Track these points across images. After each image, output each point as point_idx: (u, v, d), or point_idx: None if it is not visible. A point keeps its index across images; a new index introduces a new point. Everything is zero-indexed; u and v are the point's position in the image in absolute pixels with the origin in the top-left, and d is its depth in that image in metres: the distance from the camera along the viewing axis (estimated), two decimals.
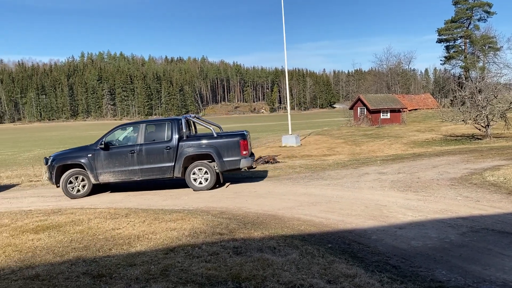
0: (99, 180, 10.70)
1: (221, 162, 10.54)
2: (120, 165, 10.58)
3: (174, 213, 7.70)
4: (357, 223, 6.41)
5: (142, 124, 10.95)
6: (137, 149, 10.59)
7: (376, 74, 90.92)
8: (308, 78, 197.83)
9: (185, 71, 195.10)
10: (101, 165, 10.59)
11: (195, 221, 6.86)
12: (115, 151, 10.65)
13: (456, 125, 33.05)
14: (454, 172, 11.61)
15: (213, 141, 10.68)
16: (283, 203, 8.41)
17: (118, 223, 7.10)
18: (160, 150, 10.58)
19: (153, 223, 6.87)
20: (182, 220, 7.00)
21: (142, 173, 10.60)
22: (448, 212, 6.76)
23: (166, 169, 10.58)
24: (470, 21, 65.13)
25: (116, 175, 10.65)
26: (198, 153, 10.61)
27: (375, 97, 49.27)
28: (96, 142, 10.80)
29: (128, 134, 11.06)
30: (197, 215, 7.48)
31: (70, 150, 11.32)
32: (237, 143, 10.67)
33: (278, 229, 6.16)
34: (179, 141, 10.61)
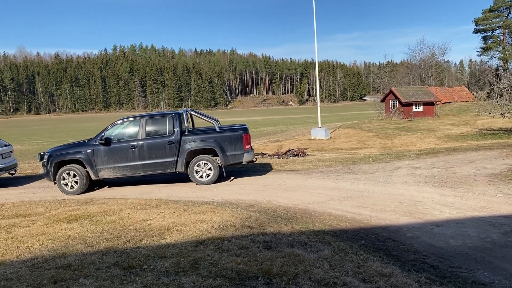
0: (99, 176, 10.51)
1: (225, 156, 10.53)
2: (121, 161, 10.43)
3: (203, 205, 7.68)
4: (391, 219, 6.19)
5: (142, 118, 10.75)
6: (139, 144, 10.46)
7: (408, 66, 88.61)
8: (338, 70, 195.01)
9: (214, 63, 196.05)
10: (101, 160, 10.41)
11: (224, 213, 6.80)
12: (115, 146, 10.46)
13: (493, 119, 31.81)
14: (492, 167, 11.12)
15: (216, 135, 10.67)
16: (313, 197, 8.25)
17: (148, 214, 7.13)
18: (162, 145, 10.46)
19: (183, 215, 6.86)
20: (212, 212, 6.96)
21: (144, 168, 10.49)
22: (488, 210, 6.44)
23: (168, 164, 10.51)
24: (510, 10, 62.30)
25: (117, 170, 10.51)
26: (201, 147, 10.55)
27: (407, 90, 48.01)
28: (95, 137, 10.64)
29: (128, 129, 10.82)
30: (226, 207, 7.43)
31: (68, 146, 11.15)
32: (240, 137, 10.66)
33: (309, 224, 6.02)
34: (181, 136, 10.53)
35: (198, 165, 10.52)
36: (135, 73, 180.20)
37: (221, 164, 10.57)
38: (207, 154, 10.62)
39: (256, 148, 21.97)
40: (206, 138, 10.63)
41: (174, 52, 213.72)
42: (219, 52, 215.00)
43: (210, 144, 10.55)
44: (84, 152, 10.45)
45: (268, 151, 19.02)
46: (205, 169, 10.55)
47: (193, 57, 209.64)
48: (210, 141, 10.58)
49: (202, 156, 10.56)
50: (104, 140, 10.40)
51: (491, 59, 66.30)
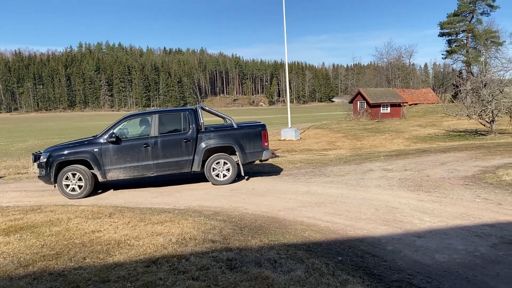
0: (107, 178, 9.53)
1: (243, 154, 10.06)
2: (132, 160, 9.53)
3: (163, 214, 6.95)
4: (368, 229, 5.65)
5: (155, 115, 9.94)
6: (152, 142, 9.64)
7: (376, 68, 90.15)
8: (307, 71, 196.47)
9: (183, 63, 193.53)
10: (110, 160, 9.45)
11: (185, 224, 6.10)
12: (126, 145, 9.55)
13: (458, 120, 32.32)
14: (465, 170, 10.88)
15: (234, 132, 10.17)
16: (284, 203, 7.65)
17: (99, 224, 6.35)
18: (178, 143, 9.75)
19: (138, 226, 6.12)
20: (171, 222, 6.25)
21: (157, 168, 9.68)
22: (470, 218, 6.01)
23: (184, 163, 9.79)
24: (473, 15, 64.12)
25: (128, 171, 9.58)
26: (219, 145, 9.95)
27: (375, 91, 48.45)
28: (101, 134, 9.64)
29: (139, 126, 10.10)
30: (188, 216, 6.73)
31: (70, 145, 9.87)
32: (259, 134, 10.27)
33: (279, 236, 5.40)
34: (197, 133, 9.90)
35: (216, 163, 9.95)
36: (101, 71, 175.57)
37: (239, 162, 10.05)
38: (223, 152, 10.04)
39: None
40: (224, 135, 10.08)
41: (142, 51, 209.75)
42: (189, 51, 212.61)
43: (228, 141, 10.01)
44: (91, 151, 9.45)
45: None
46: (223, 168, 10.00)
47: (162, 56, 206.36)
48: (229, 138, 10.06)
49: (220, 154, 9.98)
50: (114, 137, 9.44)
51: (456, 62, 68.06)
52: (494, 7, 63.50)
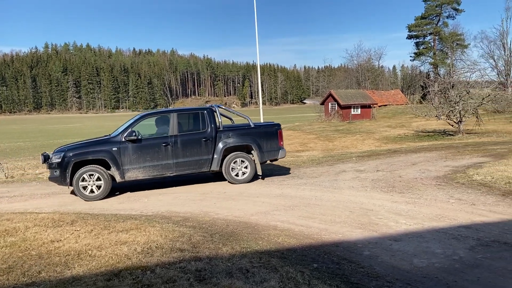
0: (125, 178, 9.22)
1: (261, 153, 10.11)
2: (152, 160, 9.31)
3: (128, 220, 6.56)
4: (343, 233, 5.46)
5: (173, 113, 9.79)
6: (172, 140, 9.45)
7: (346, 70, 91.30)
8: (279, 73, 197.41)
9: (153, 64, 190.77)
10: (129, 160, 9.17)
11: (152, 231, 5.75)
12: (145, 144, 9.31)
13: (427, 121, 32.98)
14: (436, 170, 10.93)
15: (252, 131, 10.22)
16: (257, 206, 7.40)
17: (60, 233, 5.92)
18: (198, 142, 9.65)
19: (101, 234, 5.72)
20: (137, 229, 5.88)
21: (177, 167, 9.51)
22: (446, 219, 5.92)
23: (204, 162, 9.72)
24: (439, 18, 65.93)
25: (147, 171, 9.33)
26: (238, 144, 9.95)
27: (346, 93, 49.01)
28: (121, 133, 9.31)
29: (158, 124, 9.91)
30: (155, 223, 6.37)
31: (86, 143, 9.51)
32: (276, 133, 10.41)
33: (252, 242, 5.13)
34: (216, 132, 9.82)
35: (234, 162, 9.89)
36: (68, 72, 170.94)
37: (256, 161, 10.06)
38: (241, 151, 10.04)
39: None
40: (243, 134, 10.10)
41: (111, 52, 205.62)
42: (159, 52, 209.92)
43: (247, 140, 10.05)
44: (109, 151, 9.09)
45: None
46: (241, 167, 9.99)
47: (131, 57, 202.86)
48: (247, 137, 10.09)
49: (239, 153, 9.98)
50: (135, 136, 9.16)
51: (423, 64, 69.80)
52: (459, 11, 65.51)
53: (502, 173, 9.54)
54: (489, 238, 4.90)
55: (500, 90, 30.51)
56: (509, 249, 4.51)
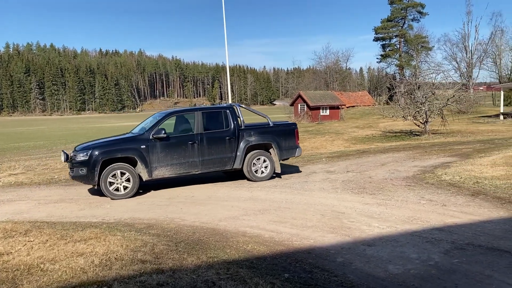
0: (152, 176, 9.12)
1: (280, 151, 10.34)
2: (179, 157, 9.29)
3: (88, 229, 6.14)
4: (315, 238, 5.24)
5: (197, 112, 9.85)
6: (198, 138, 9.50)
7: (315, 72, 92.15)
8: (249, 74, 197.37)
9: (121, 65, 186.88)
10: (157, 158, 9.10)
11: (112, 240, 5.36)
12: (173, 142, 9.30)
13: (393, 122, 33.52)
14: (405, 170, 10.95)
15: (272, 130, 10.43)
16: (225, 211, 7.09)
17: (11, 244, 5.46)
18: (222, 140, 9.76)
19: (57, 245, 5.30)
20: (96, 239, 5.48)
21: (203, 165, 9.56)
22: (418, 221, 5.80)
23: (228, 160, 9.83)
24: (404, 20, 67.54)
25: (174, 168, 9.30)
26: (259, 142, 10.14)
27: (314, 94, 49.36)
28: (147, 130, 9.26)
29: (183, 122, 9.98)
30: (117, 231, 5.98)
31: (113, 141, 9.40)
32: (293, 132, 10.68)
33: (219, 251, 4.83)
34: (238, 130, 9.94)
35: (256, 160, 10.07)
36: (31, 73, 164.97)
37: (276, 159, 10.28)
38: (261, 149, 10.23)
39: None
40: (264, 133, 10.29)
41: (76, 52, 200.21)
42: (126, 53, 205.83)
43: (268, 139, 10.25)
44: (138, 148, 8.99)
45: None
46: (262, 165, 10.18)
47: (97, 57, 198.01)
48: (268, 135, 10.28)
49: (260, 151, 10.17)
50: (164, 134, 9.13)
51: (389, 66, 71.29)
52: (423, 14, 67.35)
53: (469, 173, 9.62)
54: (463, 241, 4.79)
55: (462, 91, 31.33)
56: (484, 253, 4.40)
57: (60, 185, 11.01)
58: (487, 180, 8.60)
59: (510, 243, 4.65)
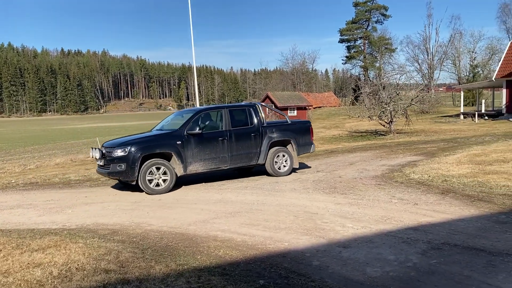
0: (186, 171, 9.33)
1: (298, 147, 10.78)
2: (210, 153, 9.59)
3: (47, 236, 5.73)
4: (289, 241, 5.06)
5: (224, 109, 10.18)
6: (227, 134, 9.81)
7: (282, 73, 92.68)
8: (216, 75, 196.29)
9: (84, 65, 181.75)
10: (192, 153, 9.35)
11: (73, 249, 5.00)
12: (206, 138, 9.58)
13: (359, 122, 34.04)
14: (373, 169, 10.99)
15: (291, 127, 10.89)
16: (195, 215, 6.82)
17: None
18: (248, 136, 10.12)
19: (12, 255, 4.88)
20: (56, 247, 5.10)
21: (231, 161, 9.87)
22: (392, 221, 5.73)
23: (253, 155, 10.19)
24: (368, 23, 69.05)
25: (206, 164, 9.58)
26: (281, 139, 10.55)
27: (282, 95, 49.62)
28: (180, 128, 9.44)
29: (212, 119, 10.20)
30: (78, 238, 5.60)
31: (151, 137, 9.58)
32: (308, 129, 11.21)
33: (189, 257, 4.57)
34: (261, 127, 10.30)
35: (277, 156, 10.44)
36: None
37: (294, 155, 10.71)
38: (282, 146, 10.64)
39: None
40: (284, 129, 10.72)
41: (36, 52, 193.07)
42: (89, 53, 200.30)
43: (288, 135, 10.68)
44: (175, 144, 9.19)
45: None
46: (283, 161, 10.57)
47: (59, 57, 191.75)
48: (288, 132, 10.72)
49: (281, 147, 10.57)
50: (200, 130, 9.42)
51: (354, 67, 72.62)
52: (386, 16, 69.02)
53: (436, 171, 9.74)
54: (438, 241, 4.73)
55: (425, 92, 32.17)
56: (461, 252, 4.34)
57: (17, 190, 10.40)
58: (455, 178, 8.71)
59: (485, 242, 4.64)
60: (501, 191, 7.30)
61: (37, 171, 15.32)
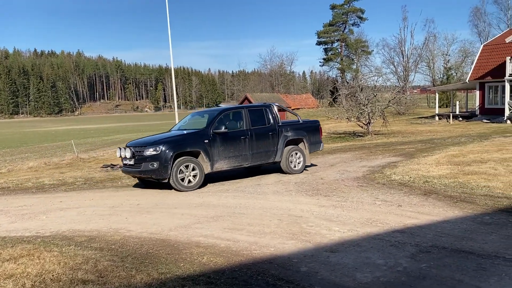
0: (213, 169, 9.63)
1: (310, 145, 11.24)
2: (234, 151, 9.95)
3: (19, 245, 5.43)
4: (275, 246, 4.92)
5: (244, 109, 10.62)
6: (248, 133, 10.20)
7: (260, 75, 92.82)
8: (194, 77, 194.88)
9: (58, 66, 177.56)
10: (218, 151, 9.67)
11: (48, 258, 4.73)
12: (230, 136, 9.92)
13: (337, 123, 34.26)
14: (354, 170, 10.99)
15: (304, 126, 11.36)
16: (176, 219, 6.60)
17: None
18: (266, 135, 10.51)
19: None
20: (29, 257, 4.82)
21: (252, 158, 10.27)
22: (378, 224, 5.66)
23: (271, 153, 10.59)
24: (345, 25, 69.80)
25: (230, 162, 9.93)
26: (295, 137, 10.96)
27: (261, 96, 49.52)
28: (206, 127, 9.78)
29: (234, 119, 10.59)
30: (53, 246, 5.33)
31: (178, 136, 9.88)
32: (318, 128, 11.75)
33: (172, 265, 4.38)
34: (277, 126, 10.70)
35: (291, 155, 10.80)
36: None
37: (307, 153, 11.16)
38: (295, 144, 11.02)
39: (106, 159, 19.31)
40: (298, 128, 11.14)
41: (7, 52, 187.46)
42: (64, 54, 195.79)
43: (301, 134, 11.12)
44: (203, 143, 9.50)
45: (119, 162, 16.61)
46: (296, 159, 10.94)
47: (32, 58, 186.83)
48: (301, 131, 11.16)
49: (295, 146, 10.97)
50: (225, 129, 9.74)
51: (332, 69, 73.27)
52: (363, 19, 69.97)
53: (417, 172, 9.79)
54: (426, 244, 4.67)
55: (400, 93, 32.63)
56: (450, 255, 4.29)
57: None
58: (436, 179, 8.75)
59: (472, 244, 4.61)
60: (482, 191, 7.35)
61: (9, 175, 14.79)
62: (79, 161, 19.18)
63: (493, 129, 22.96)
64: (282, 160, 10.68)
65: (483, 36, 62.42)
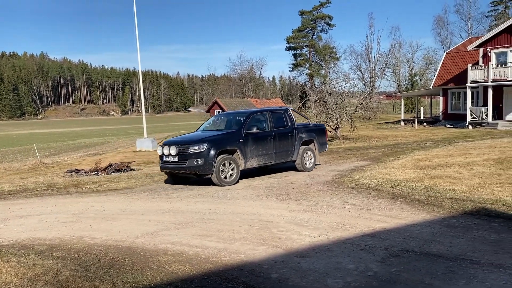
0: (245, 166, 10.49)
1: (318, 146, 12.25)
2: (262, 150, 10.81)
3: None
4: (245, 253, 4.82)
5: (268, 112, 11.51)
6: (272, 134, 11.07)
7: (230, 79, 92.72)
8: (162, 80, 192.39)
9: (20, 68, 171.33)
10: (249, 150, 10.51)
11: (5, 268, 4.47)
12: (259, 136, 10.77)
13: None
14: (323, 174, 11.06)
15: (314, 128, 12.41)
16: (142, 226, 6.40)
17: None
18: (286, 135, 11.38)
19: None
20: None
21: (276, 157, 11.18)
22: (348, 228, 5.66)
23: (290, 153, 11.48)
24: (314, 31, 70.71)
25: (259, 160, 10.79)
26: (309, 138, 11.96)
27: (231, 101, 49.52)
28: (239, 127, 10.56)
29: (260, 121, 11.23)
30: (11, 255, 5.04)
31: (218, 135, 10.52)
32: (324, 131, 12.93)
33: (138, 274, 4.21)
34: (294, 128, 11.59)
35: (305, 154, 11.72)
36: None
37: (316, 153, 12.14)
38: (307, 145, 11.92)
39: (70, 164, 18.71)
40: (309, 130, 12.13)
41: None
42: (26, 56, 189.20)
43: (313, 135, 12.15)
44: (238, 142, 10.33)
45: (84, 167, 16.10)
46: (308, 158, 11.88)
47: None
48: (312, 133, 12.18)
49: (307, 146, 11.90)
50: (258, 130, 10.67)
51: (301, 74, 74.01)
52: (331, 25, 71.12)
53: (384, 176, 9.93)
54: (396, 247, 4.69)
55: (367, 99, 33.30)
56: (419, 259, 4.31)
57: None
58: (403, 182, 8.89)
59: (441, 247, 4.66)
60: (448, 195, 7.51)
61: None
62: (41, 166, 18.49)
63: (456, 134, 23.71)
64: (297, 159, 11.59)
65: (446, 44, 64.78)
